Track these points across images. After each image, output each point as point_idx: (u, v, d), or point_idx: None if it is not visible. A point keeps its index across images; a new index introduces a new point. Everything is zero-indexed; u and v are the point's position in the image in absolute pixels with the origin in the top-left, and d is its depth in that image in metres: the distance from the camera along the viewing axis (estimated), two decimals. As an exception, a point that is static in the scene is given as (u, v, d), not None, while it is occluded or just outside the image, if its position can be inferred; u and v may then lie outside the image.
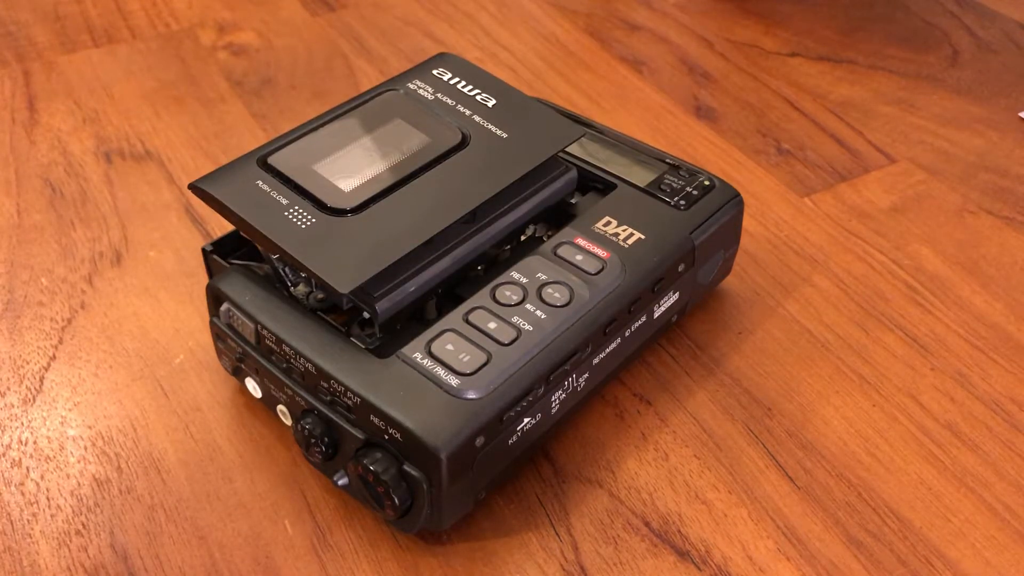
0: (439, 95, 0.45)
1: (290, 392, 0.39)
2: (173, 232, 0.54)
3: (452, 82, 0.46)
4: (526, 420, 0.38)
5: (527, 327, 0.38)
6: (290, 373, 0.39)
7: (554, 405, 0.39)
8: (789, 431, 0.43)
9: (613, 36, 0.71)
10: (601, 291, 0.40)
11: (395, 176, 0.41)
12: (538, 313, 0.39)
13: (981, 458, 0.42)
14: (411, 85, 0.46)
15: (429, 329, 0.38)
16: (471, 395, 0.36)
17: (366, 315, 0.39)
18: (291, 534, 0.39)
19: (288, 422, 0.41)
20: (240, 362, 0.42)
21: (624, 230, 0.43)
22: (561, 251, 0.42)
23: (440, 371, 0.37)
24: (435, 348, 0.38)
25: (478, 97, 0.45)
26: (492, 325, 0.38)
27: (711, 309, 0.49)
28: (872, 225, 0.54)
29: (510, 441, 0.38)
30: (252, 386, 0.42)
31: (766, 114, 0.63)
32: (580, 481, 0.41)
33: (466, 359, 0.37)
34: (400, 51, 0.69)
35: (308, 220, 0.38)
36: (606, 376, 0.43)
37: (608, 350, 0.41)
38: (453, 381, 0.36)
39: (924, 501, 0.40)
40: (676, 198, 0.45)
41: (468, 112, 0.44)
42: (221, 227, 0.54)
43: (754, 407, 0.44)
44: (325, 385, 0.37)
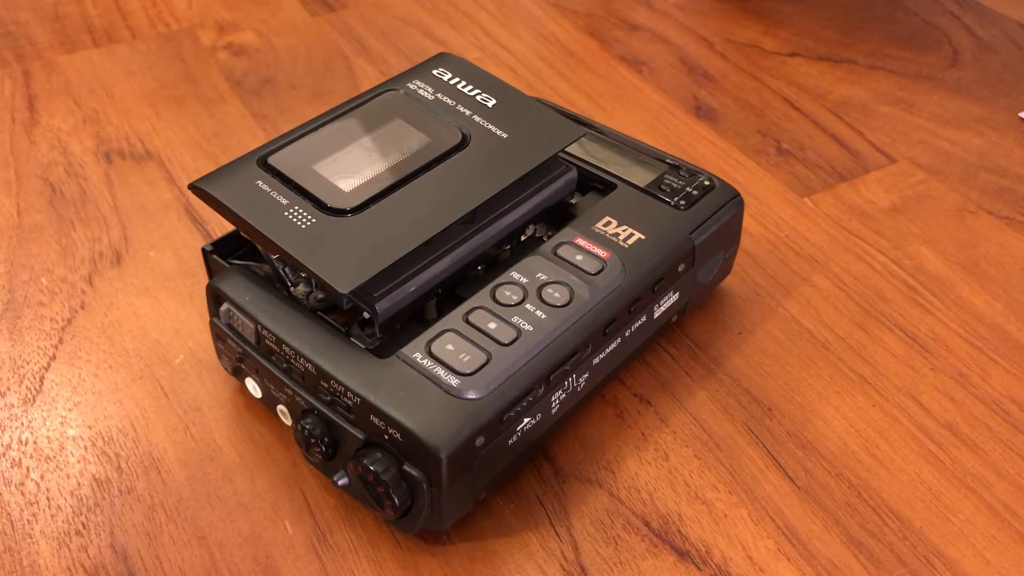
0: (439, 95, 0.45)
1: (290, 392, 0.39)
2: (173, 232, 0.54)
3: (452, 82, 0.46)
4: (526, 420, 0.38)
5: (527, 327, 0.38)
6: (290, 373, 0.39)
7: (554, 405, 0.39)
8: (789, 431, 0.43)
9: (613, 36, 0.71)
10: (601, 291, 0.40)
11: (395, 176, 0.41)
12: (538, 313, 0.39)
13: (981, 458, 0.42)
14: (411, 85, 0.46)
15: (429, 329, 0.38)
16: (471, 395, 0.36)
17: (366, 315, 0.39)
18: (291, 534, 0.39)
19: (288, 422, 0.41)
20: (240, 362, 0.42)
21: (624, 230, 0.43)
22: (561, 251, 0.42)
23: (440, 371, 0.37)
24: (435, 348, 0.38)
25: (478, 97, 0.45)
26: (492, 325, 0.38)
27: (711, 309, 0.49)
28: (872, 225, 0.54)
29: (510, 441, 0.38)
30: (252, 386, 0.42)
31: (766, 114, 0.63)
32: (580, 481, 0.41)
33: (466, 359, 0.37)
34: (400, 51, 0.69)
35: (308, 220, 0.38)
36: (606, 376, 0.43)
37: (608, 350, 0.41)
38: (453, 381, 0.36)
39: (924, 501, 0.40)
40: (676, 198, 0.45)
41: (468, 112, 0.44)
42: (221, 227, 0.54)
43: (754, 407, 0.44)
44: (325, 385, 0.37)
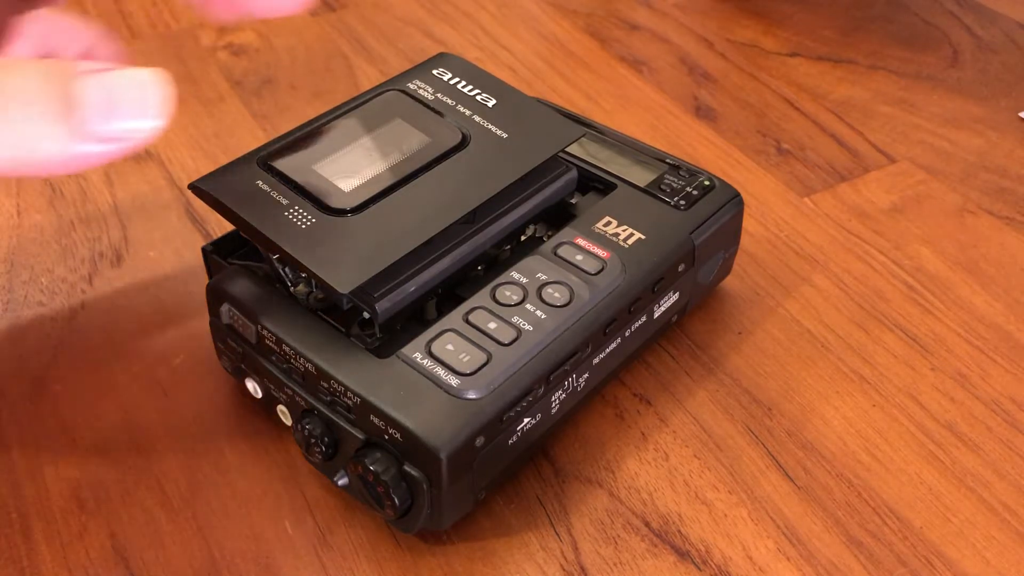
0: (439, 95, 0.45)
1: (290, 392, 0.39)
2: (173, 232, 0.54)
3: (452, 82, 0.46)
4: (526, 420, 0.38)
5: (527, 327, 0.38)
6: (290, 373, 0.39)
7: (554, 405, 0.39)
8: (789, 431, 0.43)
9: (613, 36, 0.71)
10: (601, 291, 0.40)
11: (395, 176, 0.41)
12: (538, 313, 0.39)
13: (981, 458, 0.42)
14: (411, 85, 0.46)
15: (429, 329, 0.38)
16: (471, 395, 0.36)
17: (366, 315, 0.39)
18: (291, 534, 0.39)
19: (288, 422, 0.41)
20: (240, 362, 0.42)
21: (624, 230, 0.43)
22: (561, 251, 0.42)
23: (440, 371, 0.37)
24: (435, 348, 0.38)
25: (478, 97, 0.45)
26: (492, 325, 0.38)
27: (711, 309, 0.49)
28: (872, 225, 0.54)
29: (510, 441, 0.38)
30: (252, 386, 0.42)
31: (766, 114, 0.63)
32: (580, 481, 0.41)
33: (466, 359, 0.37)
34: (400, 51, 0.69)
35: (308, 220, 0.38)
36: (606, 376, 0.43)
37: (608, 350, 0.41)
38: (453, 381, 0.36)
39: (924, 501, 0.40)
40: (676, 198, 0.45)
41: (468, 112, 0.44)
42: (221, 227, 0.54)
43: (754, 407, 0.44)
44: (325, 385, 0.37)
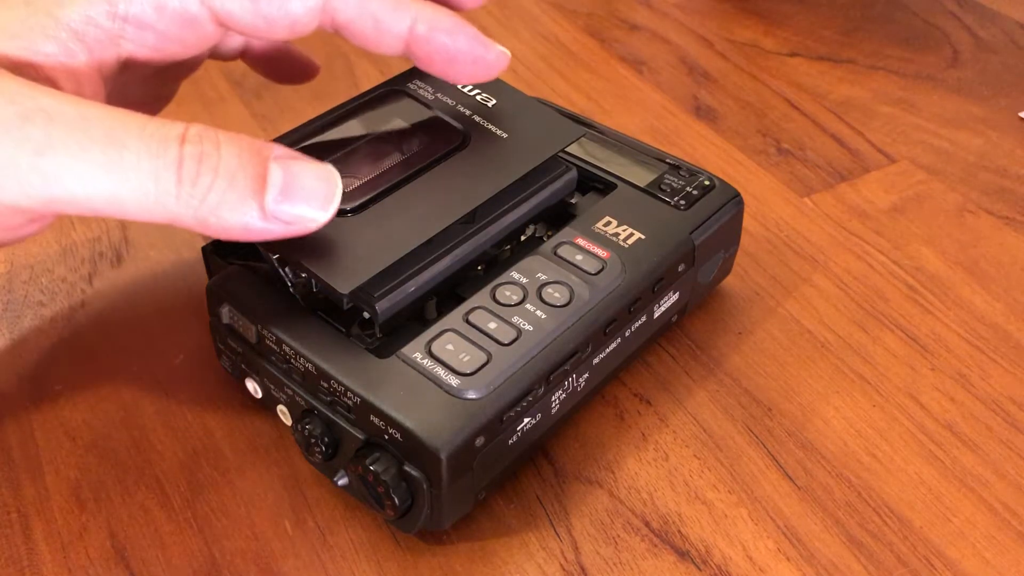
0: (439, 95, 0.45)
1: (290, 392, 0.39)
2: (173, 232, 0.54)
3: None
4: (526, 420, 0.38)
5: (527, 327, 0.38)
6: (290, 373, 0.39)
7: (554, 405, 0.39)
8: (789, 431, 0.43)
9: (613, 36, 0.71)
10: (601, 291, 0.40)
11: (395, 176, 0.41)
12: (538, 313, 0.39)
13: (981, 458, 0.42)
14: (411, 85, 0.46)
15: (429, 329, 0.38)
16: (471, 395, 0.36)
17: (366, 315, 0.39)
18: (291, 534, 0.39)
19: (288, 422, 0.41)
20: (240, 362, 0.42)
21: (624, 230, 0.43)
22: (561, 251, 0.42)
23: (440, 371, 0.37)
24: (435, 348, 0.38)
25: (478, 97, 0.45)
26: (492, 325, 0.38)
27: (711, 309, 0.49)
28: (872, 225, 0.54)
29: (510, 441, 0.38)
30: (252, 386, 0.42)
31: (766, 114, 0.63)
32: (580, 481, 0.41)
33: (466, 359, 0.37)
34: (400, 51, 0.69)
35: (308, 220, 0.38)
36: (606, 376, 0.43)
37: (608, 350, 0.41)
38: (453, 381, 0.36)
39: (924, 501, 0.40)
40: (676, 198, 0.45)
41: (468, 112, 0.44)
42: (221, 227, 0.54)
43: (754, 407, 0.44)
44: (325, 385, 0.37)
